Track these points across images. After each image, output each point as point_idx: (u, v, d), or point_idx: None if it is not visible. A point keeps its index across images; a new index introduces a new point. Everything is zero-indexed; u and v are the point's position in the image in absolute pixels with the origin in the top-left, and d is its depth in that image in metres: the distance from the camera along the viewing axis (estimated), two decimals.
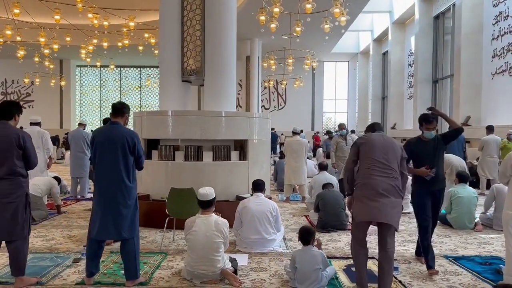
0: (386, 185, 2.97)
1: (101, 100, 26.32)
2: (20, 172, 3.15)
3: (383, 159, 3.02)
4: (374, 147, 3.05)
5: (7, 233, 3.11)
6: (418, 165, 3.65)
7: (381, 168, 3.00)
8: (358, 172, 3.15)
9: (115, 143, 3.17)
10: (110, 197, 3.17)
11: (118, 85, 26.44)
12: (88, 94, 26.21)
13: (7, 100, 3.33)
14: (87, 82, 26.30)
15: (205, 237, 3.19)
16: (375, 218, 3.00)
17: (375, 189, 2.96)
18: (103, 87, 26.35)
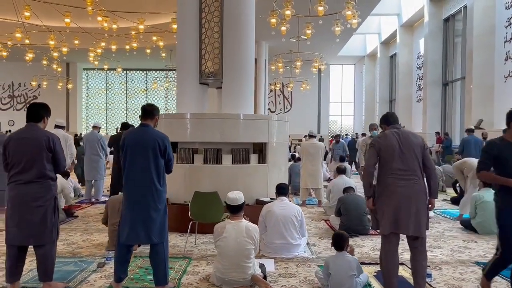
0: (409, 193, 2.90)
1: (107, 103, 26.36)
2: (50, 175, 3.10)
3: (401, 164, 2.94)
4: (391, 152, 2.96)
5: (35, 238, 3.05)
6: (505, 173, 2.86)
7: (400, 175, 2.92)
8: (378, 177, 3.08)
9: (146, 146, 3.11)
10: (141, 201, 3.10)
11: (124, 88, 26.49)
12: (94, 97, 26.26)
13: (36, 102, 3.27)
14: (93, 85, 26.36)
15: (236, 244, 3.12)
16: (402, 231, 2.93)
17: (398, 199, 2.89)
18: (109, 90, 26.39)
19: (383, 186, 2.97)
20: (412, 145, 2.97)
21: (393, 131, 3.05)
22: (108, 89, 26.39)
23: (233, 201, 3.23)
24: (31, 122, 3.14)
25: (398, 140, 2.97)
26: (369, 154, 3.05)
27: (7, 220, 3.09)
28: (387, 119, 3.18)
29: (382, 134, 3.10)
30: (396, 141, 2.97)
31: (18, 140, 3.08)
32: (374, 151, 3.01)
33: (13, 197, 3.06)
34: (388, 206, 2.92)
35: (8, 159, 3.07)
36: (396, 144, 2.96)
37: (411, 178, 2.92)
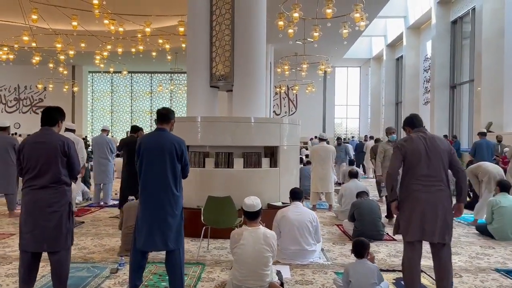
0: (435, 199, 2.83)
1: (112, 105, 26.41)
2: (64, 180, 3.04)
3: (427, 169, 2.87)
4: (417, 157, 2.88)
5: (50, 244, 2.98)
6: None
7: (426, 181, 2.85)
8: (401, 182, 3.01)
9: (163, 150, 3.06)
10: (157, 206, 3.05)
11: (129, 91, 26.54)
12: (99, 100, 26.32)
13: (51, 106, 3.21)
14: (99, 87, 26.43)
15: (253, 251, 3.05)
16: (428, 239, 2.86)
17: (423, 206, 2.82)
18: (114, 93, 26.45)
19: (407, 192, 2.89)
20: (439, 150, 2.89)
21: (419, 135, 2.97)
22: (113, 91, 26.45)
23: (250, 207, 3.16)
24: (46, 126, 3.09)
25: (425, 145, 2.90)
26: (394, 158, 2.97)
27: (21, 226, 3.04)
28: (412, 121, 3.09)
29: (408, 137, 3.01)
30: (423, 145, 2.90)
31: (33, 144, 3.03)
32: (399, 155, 2.93)
33: (28, 202, 3.01)
34: (413, 213, 2.85)
35: (22, 164, 3.03)
36: (423, 148, 2.88)
37: (436, 184, 2.84)
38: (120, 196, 6.09)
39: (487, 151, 7.40)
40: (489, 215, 5.00)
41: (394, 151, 3.01)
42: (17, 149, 3.08)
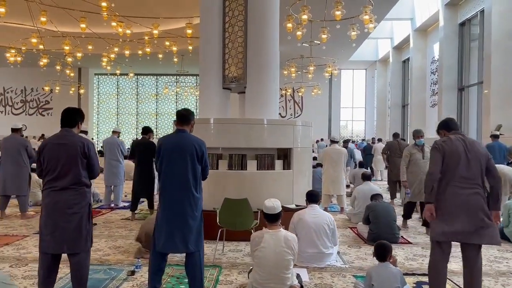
0: (473, 202, 2.79)
1: (118, 107, 26.49)
2: (85, 182, 3.03)
3: (466, 172, 2.83)
4: (457, 158, 2.85)
5: (70, 245, 2.96)
6: None
7: (463, 183, 2.81)
8: (438, 183, 2.96)
9: (184, 151, 3.04)
10: (178, 208, 3.03)
11: (135, 93, 26.62)
12: (105, 102, 26.40)
13: (70, 107, 3.20)
14: (105, 90, 26.52)
15: (274, 254, 3.01)
16: (464, 240, 2.81)
17: (461, 208, 2.77)
18: (120, 95, 26.53)
19: (444, 193, 2.85)
20: (478, 154, 2.87)
21: (458, 137, 2.94)
22: (119, 94, 26.54)
23: (270, 210, 3.13)
24: (66, 128, 3.09)
25: (464, 147, 2.87)
26: (434, 159, 2.93)
27: (41, 227, 3.02)
28: (447, 124, 3.06)
29: (447, 138, 2.97)
30: (462, 147, 2.87)
31: (54, 145, 3.01)
32: (439, 156, 2.89)
33: (48, 204, 2.99)
34: (450, 214, 2.81)
35: (43, 165, 3.01)
36: (462, 150, 2.85)
37: (474, 187, 2.81)
38: (132, 197, 6.08)
39: (499, 153, 7.32)
40: (506, 218, 4.94)
41: (432, 152, 2.98)
42: (38, 151, 3.08)
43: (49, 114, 24.69)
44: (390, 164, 7.76)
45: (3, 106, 24.64)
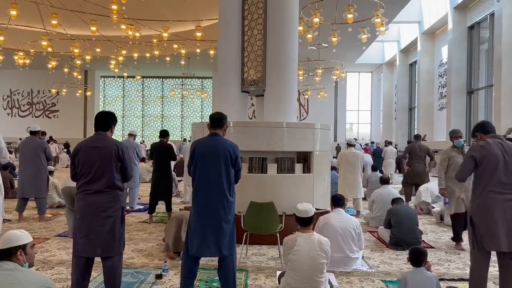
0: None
1: (124, 110, 26.55)
2: (118, 185, 3.03)
3: (505, 177, 2.80)
4: (495, 163, 2.81)
5: (104, 249, 2.96)
6: None
7: (502, 189, 2.78)
8: (474, 189, 2.94)
9: (218, 155, 3.04)
10: (211, 212, 3.02)
11: (141, 95, 26.68)
12: (111, 105, 26.46)
13: (104, 111, 3.22)
14: (110, 92, 26.60)
15: (309, 258, 3.00)
16: (506, 248, 2.78)
17: (502, 214, 2.74)
18: (125, 97, 26.60)
19: (482, 199, 2.82)
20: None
21: (496, 141, 2.90)
22: (124, 96, 26.60)
23: (303, 213, 3.12)
24: (100, 131, 3.09)
25: (503, 151, 2.83)
26: (466, 165, 2.90)
27: (75, 231, 3.02)
28: (484, 127, 3.02)
29: (484, 142, 2.92)
30: (500, 151, 2.83)
31: (88, 149, 3.02)
32: (472, 163, 2.86)
33: (82, 207, 2.99)
34: (491, 221, 2.78)
35: (77, 168, 3.02)
36: (501, 155, 2.82)
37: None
38: (150, 200, 6.07)
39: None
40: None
41: (468, 156, 2.93)
42: (72, 154, 3.08)
43: (56, 117, 24.78)
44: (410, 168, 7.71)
45: (10, 108, 24.75)
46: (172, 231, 4.23)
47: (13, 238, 2.18)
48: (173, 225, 4.31)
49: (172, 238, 4.22)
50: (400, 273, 3.70)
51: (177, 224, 4.27)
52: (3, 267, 2.07)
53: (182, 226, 4.19)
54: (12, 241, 2.16)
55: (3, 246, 2.14)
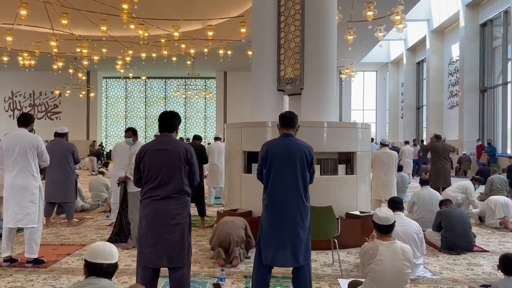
0: None
1: (126, 111, 26.23)
2: (187, 191, 2.82)
3: None
4: None
5: (173, 259, 2.75)
6: None
7: None
8: None
9: (293, 157, 2.84)
10: (288, 218, 2.82)
11: (143, 96, 26.38)
12: (113, 105, 26.15)
13: (167, 111, 2.99)
14: (113, 93, 26.26)
15: (393, 267, 2.80)
16: None
17: None
18: (128, 98, 26.28)
19: None
20: None
21: None
22: (127, 97, 26.29)
23: (384, 220, 2.92)
24: (165, 132, 2.87)
25: None
26: None
27: (141, 240, 2.81)
28: None
29: None
30: None
31: (155, 152, 2.80)
32: None
33: (148, 214, 2.78)
34: None
35: (143, 173, 2.80)
36: None
37: None
38: None
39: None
40: None
41: None
42: (137, 157, 2.86)
43: (58, 118, 24.40)
44: (433, 169, 7.56)
45: (12, 110, 24.36)
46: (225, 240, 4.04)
47: (109, 252, 1.96)
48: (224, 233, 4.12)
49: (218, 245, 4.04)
50: (487, 281, 3.52)
51: (226, 233, 4.06)
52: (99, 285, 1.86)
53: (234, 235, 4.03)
54: (109, 257, 1.94)
55: (95, 259, 1.92)
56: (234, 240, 4.02)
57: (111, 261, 1.93)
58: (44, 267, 3.89)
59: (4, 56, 14.80)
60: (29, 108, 24.44)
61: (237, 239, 4.05)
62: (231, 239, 4.02)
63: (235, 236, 4.04)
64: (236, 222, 4.19)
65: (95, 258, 1.91)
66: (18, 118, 3.99)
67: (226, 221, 4.27)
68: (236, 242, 4.02)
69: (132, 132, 4.99)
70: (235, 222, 4.18)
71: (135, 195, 4.59)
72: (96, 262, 1.90)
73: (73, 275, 3.73)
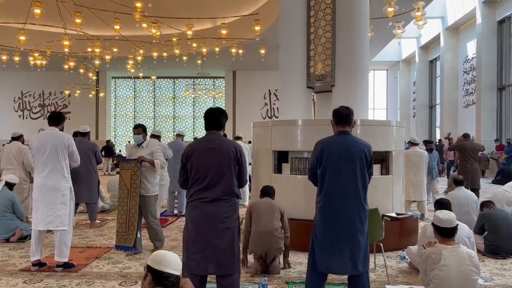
0: None
1: (135, 111, 26.15)
2: (236, 192, 2.64)
3: None
4: None
5: (223, 266, 2.57)
6: None
7: None
8: None
9: (352, 157, 2.65)
10: (347, 223, 2.63)
11: (152, 96, 26.28)
12: (122, 105, 26.07)
13: (214, 108, 2.79)
14: (121, 93, 26.18)
15: (459, 273, 2.60)
16: None
17: None
18: (137, 98, 26.19)
19: None
20: None
21: None
22: (136, 97, 26.21)
23: (447, 223, 2.72)
24: (212, 130, 2.69)
25: None
26: None
27: (187, 244, 2.63)
28: None
29: None
30: None
31: (203, 151, 2.62)
32: None
33: (196, 217, 2.60)
34: None
35: (190, 174, 2.63)
36: None
37: None
38: None
39: None
40: None
41: None
42: (183, 157, 2.68)
43: (68, 118, 24.32)
44: (461, 169, 7.32)
45: (21, 110, 24.36)
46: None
47: (178, 263, 1.79)
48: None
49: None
50: None
51: (264, 248, 3.68)
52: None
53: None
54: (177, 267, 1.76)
55: (163, 269, 1.74)
56: (273, 253, 3.69)
57: (178, 273, 1.76)
58: (75, 271, 3.73)
59: (16, 56, 14.71)
60: (39, 108, 24.46)
61: (276, 250, 3.70)
62: (270, 252, 3.69)
63: (274, 248, 3.67)
64: (270, 226, 3.72)
65: (164, 267, 1.74)
66: (48, 117, 3.84)
67: (260, 232, 3.71)
68: (276, 252, 3.71)
69: (142, 129, 4.49)
70: (269, 227, 3.70)
71: (153, 198, 4.40)
72: (164, 272, 1.72)
73: (107, 279, 3.56)
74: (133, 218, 4.06)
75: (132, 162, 4.18)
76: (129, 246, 4.15)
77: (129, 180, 4.01)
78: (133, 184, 3.98)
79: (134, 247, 4.17)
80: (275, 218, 3.74)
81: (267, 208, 3.78)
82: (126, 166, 4.21)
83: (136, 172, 4.05)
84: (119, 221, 4.19)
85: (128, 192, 3.98)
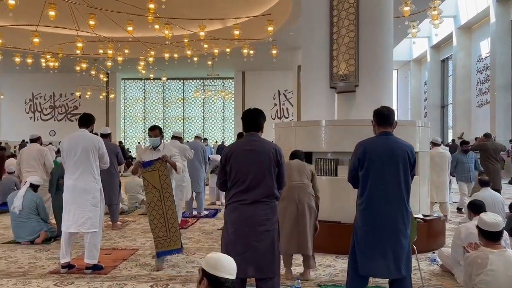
0: None
1: (145, 112, 26.25)
2: (276, 194, 2.60)
3: None
4: None
5: (263, 269, 2.53)
6: None
7: None
8: None
9: (395, 159, 2.59)
10: (389, 225, 2.58)
11: (162, 97, 26.36)
12: (131, 107, 26.19)
13: (251, 108, 2.74)
14: (131, 94, 26.30)
15: (507, 278, 2.54)
16: None
17: None
18: (146, 99, 26.29)
19: None
20: None
21: None
22: (145, 98, 26.31)
23: (493, 226, 2.66)
24: (251, 132, 2.65)
25: None
26: None
27: (226, 247, 2.60)
28: None
29: None
30: None
31: (243, 153, 2.59)
32: None
33: (235, 220, 2.57)
34: None
35: (229, 175, 2.59)
36: None
37: None
38: None
39: None
40: None
41: None
42: (222, 159, 2.65)
43: None
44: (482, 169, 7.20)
45: (32, 112, 24.57)
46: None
47: (234, 268, 1.75)
48: None
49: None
50: None
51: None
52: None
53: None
54: (233, 272, 1.73)
55: (220, 273, 1.70)
56: (305, 205, 3.52)
57: (233, 278, 1.72)
58: (105, 273, 3.71)
59: (28, 58, 14.83)
60: (50, 110, 24.66)
61: (308, 207, 3.53)
62: (302, 204, 3.53)
63: (305, 202, 3.50)
64: (301, 182, 3.56)
65: (220, 272, 1.69)
66: (79, 119, 3.83)
67: (290, 186, 3.45)
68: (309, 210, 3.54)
69: (159, 131, 4.21)
70: (300, 183, 3.55)
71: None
72: (221, 277, 1.68)
73: (137, 282, 3.54)
74: (172, 219, 3.82)
75: (155, 163, 3.91)
76: (176, 249, 3.86)
77: (158, 181, 3.83)
78: (164, 184, 3.82)
79: (182, 247, 3.92)
80: (306, 176, 3.65)
81: (298, 167, 3.67)
82: (149, 168, 3.91)
83: (163, 171, 3.86)
84: (157, 226, 3.83)
85: (160, 193, 3.79)
